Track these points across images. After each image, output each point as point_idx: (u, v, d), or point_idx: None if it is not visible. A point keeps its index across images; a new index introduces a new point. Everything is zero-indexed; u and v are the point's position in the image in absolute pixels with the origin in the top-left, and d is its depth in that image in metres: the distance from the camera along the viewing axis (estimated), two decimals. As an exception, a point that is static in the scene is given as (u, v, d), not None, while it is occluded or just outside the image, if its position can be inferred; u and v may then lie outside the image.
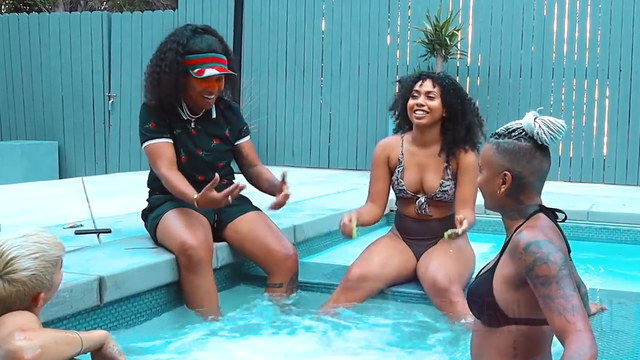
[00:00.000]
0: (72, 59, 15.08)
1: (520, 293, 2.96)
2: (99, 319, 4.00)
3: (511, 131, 3.11)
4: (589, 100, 12.08)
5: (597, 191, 10.34)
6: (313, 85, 13.54)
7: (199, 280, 4.46)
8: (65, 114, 15.30)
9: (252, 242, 4.84)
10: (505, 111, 12.10)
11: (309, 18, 13.48)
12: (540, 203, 3.15)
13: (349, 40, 13.25)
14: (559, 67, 12.13)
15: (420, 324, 4.37)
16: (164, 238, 4.63)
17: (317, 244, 6.38)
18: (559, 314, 2.72)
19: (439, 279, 4.50)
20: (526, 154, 3.06)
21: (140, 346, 3.89)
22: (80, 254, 4.54)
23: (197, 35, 4.78)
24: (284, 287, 4.78)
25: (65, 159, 15.30)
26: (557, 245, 2.91)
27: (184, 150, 4.85)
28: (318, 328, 4.30)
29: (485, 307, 3.11)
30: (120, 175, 11.22)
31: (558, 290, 2.75)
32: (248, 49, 13.40)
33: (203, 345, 3.96)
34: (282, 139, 13.70)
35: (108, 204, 6.97)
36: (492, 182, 3.11)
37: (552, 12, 12.14)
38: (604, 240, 7.39)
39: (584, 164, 12.05)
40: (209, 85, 4.72)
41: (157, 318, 4.40)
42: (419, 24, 12.26)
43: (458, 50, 12.27)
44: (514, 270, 2.95)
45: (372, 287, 4.71)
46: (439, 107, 4.75)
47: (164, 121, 4.81)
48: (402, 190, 4.94)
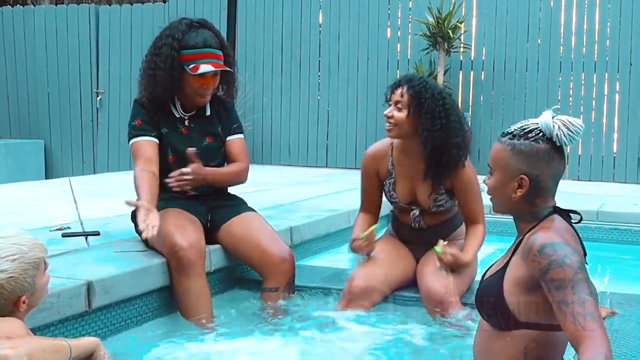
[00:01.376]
0: (58, 54, 15.10)
1: (533, 296, 2.95)
2: (88, 325, 3.97)
3: (528, 132, 3.05)
4: (599, 95, 12.07)
5: (607, 190, 10.34)
6: (310, 81, 13.58)
7: (191, 284, 4.44)
8: (52, 111, 15.31)
9: (247, 244, 4.82)
10: (511, 107, 12.13)
11: (306, 10, 13.49)
12: (554, 204, 3.13)
13: (347, 34, 13.26)
14: (566, 60, 12.14)
15: (420, 327, 4.35)
16: (155, 241, 4.58)
17: (314, 246, 6.37)
18: (574, 320, 2.68)
19: (433, 288, 4.49)
20: (545, 157, 3.02)
21: (131, 353, 3.90)
22: (68, 257, 4.53)
23: (192, 30, 4.78)
24: (280, 291, 4.76)
25: (51, 159, 15.30)
26: (574, 247, 2.89)
27: (172, 150, 4.87)
28: (316, 334, 4.28)
29: (495, 310, 3.08)
30: (109, 175, 11.21)
31: (573, 295, 2.72)
32: (242, 43, 13.35)
33: (196, 352, 3.95)
34: (278, 137, 13.72)
35: (96, 205, 6.97)
36: (506, 186, 3.08)
37: (559, 3, 12.14)
38: (614, 241, 7.37)
39: (593, 162, 12.07)
40: (204, 82, 4.74)
41: (148, 324, 4.39)
42: (420, 16, 12.26)
43: (461, 44, 12.30)
44: (527, 273, 2.93)
45: (376, 298, 4.67)
46: (405, 120, 4.58)
47: (152, 119, 4.84)
48: (395, 202, 4.93)
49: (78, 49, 14.98)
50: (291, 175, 11.45)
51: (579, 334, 2.65)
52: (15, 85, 15.54)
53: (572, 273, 2.74)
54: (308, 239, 6.23)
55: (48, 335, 3.51)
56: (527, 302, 2.97)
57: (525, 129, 3.05)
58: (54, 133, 15.35)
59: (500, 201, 3.16)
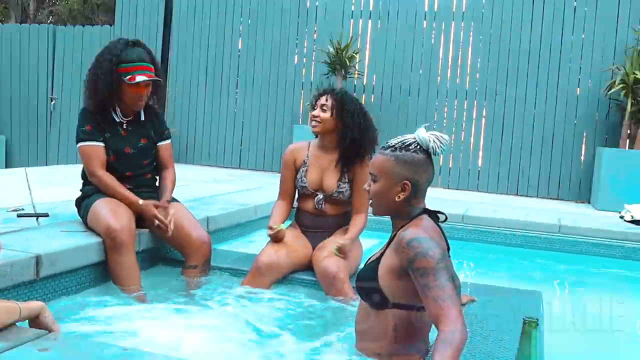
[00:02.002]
0: (20, 65, 14.77)
1: (402, 282, 2.95)
2: (36, 291, 3.95)
3: (408, 145, 3.06)
4: (468, 119, 11.89)
5: (472, 198, 10.24)
6: (229, 96, 13.27)
7: (122, 259, 4.40)
8: (13, 112, 14.93)
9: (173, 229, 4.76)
10: (395, 126, 11.84)
11: (228, 38, 13.22)
12: (424, 206, 3.15)
13: (262, 58, 13.02)
14: (442, 88, 11.97)
15: (314, 304, 4.33)
16: (93, 223, 4.61)
17: (227, 233, 6.32)
18: (435, 302, 2.71)
19: (328, 267, 4.45)
20: (423, 165, 3.05)
21: (72, 317, 3.83)
22: (21, 234, 4.50)
23: (128, 47, 4.76)
24: (199, 269, 4.76)
25: (11, 152, 14.92)
26: (437, 242, 2.91)
27: (113, 151, 4.81)
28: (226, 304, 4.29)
29: (371, 292, 3.09)
30: (58, 168, 10.89)
31: (435, 281, 2.74)
32: (174, 63, 13.24)
33: (125, 316, 3.90)
34: (201, 141, 13.42)
35: (47, 192, 6.83)
36: (391, 190, 3.07)
37: (439, 40, 11.96)
38: (476, 240, 7.30)
39: (461, 174, 11.89)
40: (139, 90, 4.72)
41: (86, 291, 4.35)
42: (322, 46, 12.15)
43: (356, 71, 12.10)
44: (397, 262, 2.94)
45: (278, 274, 4.68)
46: (329, 119, 4.71)
47: (99, 126, 4.78)
48: (304, 187, 4.92)
49: (37, 61, 14.62)
50: (210, 174, 11.24)
51: (439, 313, 2.68)
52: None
53: (434, 263, 2.77)
54: (222, 227, 6.19)
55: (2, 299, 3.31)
56: (397, 286, 2.99)
57: (405, 142, 3.07)
58: (14, 130, 14.94)
59: (383, 204, 3.14)
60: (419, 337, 3.10)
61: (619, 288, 6.14)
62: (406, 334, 3.05)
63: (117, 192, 4.68)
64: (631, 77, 9.68)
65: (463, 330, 2.61)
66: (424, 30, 11.95)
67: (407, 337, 3.05)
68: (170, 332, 3.72)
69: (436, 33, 11.88)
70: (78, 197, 4.95)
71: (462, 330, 2.60)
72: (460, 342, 2.56)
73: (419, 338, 3.09)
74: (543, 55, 11.23)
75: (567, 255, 6.89)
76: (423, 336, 3.12)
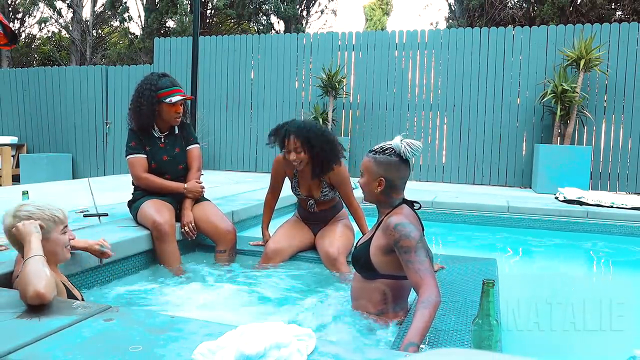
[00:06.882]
0: (81, 98, 14.83)
1: (389, 257, 2.98)
2: (100, 274, 3.97)
3: (385, 149, 3.10)
4: (433, 126, 11.82)
5: (438, 188, 10.21)
6: (245, 116, 13.18)
7: (166, 247, 4.45)
8: (77, 135, 14.96)
9: (205, 222, 4.80)
10: (376, 134, 11.93)
11: (242, 70, 13.15)
12: (403, 197, 3.18)
13: (270, 85, 12.93)
14: (412, 103, 11.88)
15: (317, 277, 4.32)
16: (142, 219, 4.64)
17: (248, 223, 6.30)
18: (415, 273, 2.75)
19: (330, 251, 4.46)
20: (395, 166, 3.07)
21: (130, 293, 3.87)
22: (88, 230, 4.53)
23: (161, 78, 4.81)
24: (227, 253, 4.76)
25: (76, 166, 14.89)
26: (415, 226, 2.94)
27: (154, 160, 4.83)
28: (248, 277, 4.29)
29: (364, 266, 3.12)
30: (114, 177, 10.87)
31: (415, 257, 2.78)
32: (201, 90, 13.21)
33: (171, 292, 3.93)
34: (224, 152, 13.29)
35: (105, 197, 6.88)
36: (371, 184, 3.12)
37: (407, 66, 11.92)
38: (443, 221, 7.31)
39: (429, 169, 11.82)
40: (176, 108, 4.77)
41: (140, 273, 4.37)
42: (317, 73, 12.18)
43: (344, 92, 12.08)
44: (385, 242, 2.97)
45: (284, 257, 4.67)
46: (306, 157, 4.46)
47: (141, 142, 4.82)
48: (298, 195, 4.89)
49: (94, 94, 14.66)
50: (232, 177, 11.19)
51: (419, 282, 2.71)
52: (53, 118, 15.17)
53: (415, 242, 2.81)
54: (244, 218, 6.20)
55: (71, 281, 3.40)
56: (385, 261, 3.01)
57: (383, 147, 3.11)
58: (78, 149, 14.93)
59: (367, 194, 3.19)
60: (401, 300, 3.13)
61: (555, 253, 6.17)
62: (392, 298, 3.08)
63: (164, 184, 4.73)
64: (559, 88, 9.72)
65: (438, 295, 2.63)
66: (395, 58, 11.90)
67: (393, 299, 3.08)
68: (206, 301, 3.74)
69: (405, 59, 11.84)
70: (129, 200, 4.96)
71: (437, 295, 2.62)
72: (436, 304, 2.58)
73: (401, 300, 3.13)
74: (490, 74, 11.21)
75: (514, 230, 6.93)
76: (404, 299, 3.15)
